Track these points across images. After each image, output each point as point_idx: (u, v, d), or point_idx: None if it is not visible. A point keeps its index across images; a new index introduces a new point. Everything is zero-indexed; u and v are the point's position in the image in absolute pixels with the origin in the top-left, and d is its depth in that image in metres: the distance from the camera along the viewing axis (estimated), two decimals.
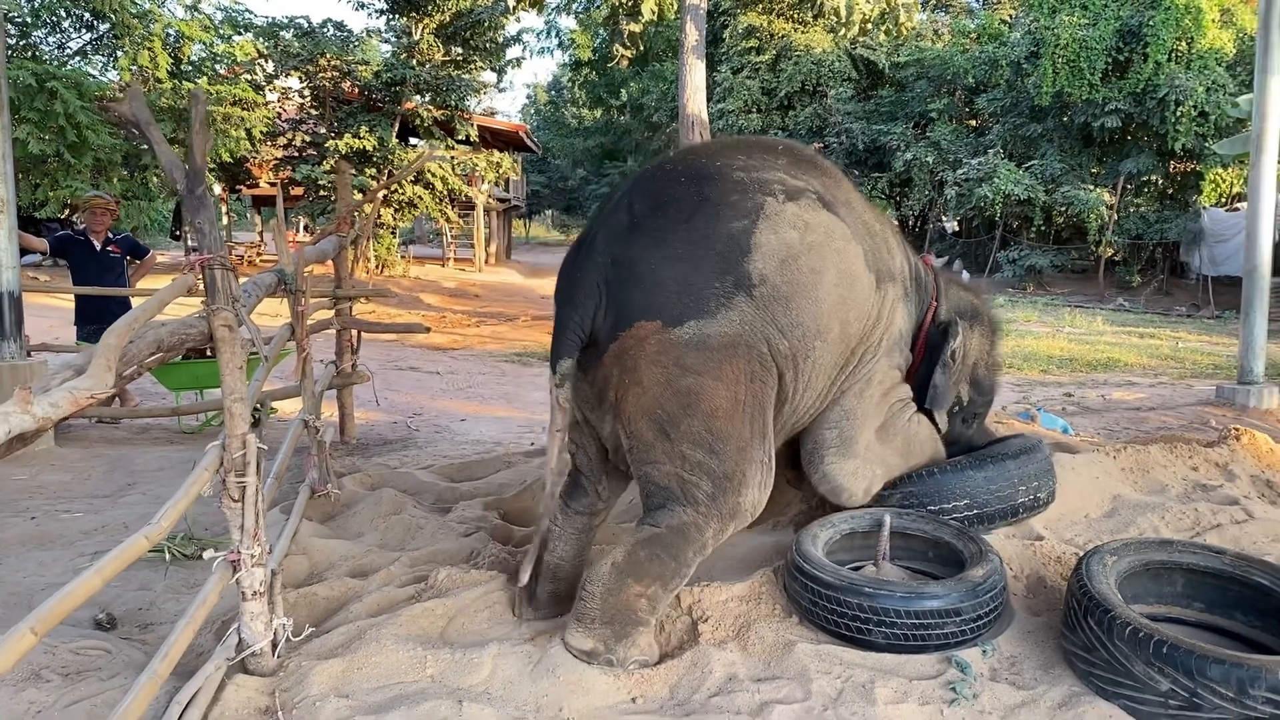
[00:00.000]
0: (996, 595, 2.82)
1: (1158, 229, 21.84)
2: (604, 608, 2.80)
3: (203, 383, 6.87)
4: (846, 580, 2.80)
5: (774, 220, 2.97)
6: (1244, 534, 3.51)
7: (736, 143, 3.56)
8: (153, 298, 2.50)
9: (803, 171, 3.24)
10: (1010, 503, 3.43)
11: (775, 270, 2.92)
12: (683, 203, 3.00)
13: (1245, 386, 7.65)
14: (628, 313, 2.89)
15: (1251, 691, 2.26)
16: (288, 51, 20.94)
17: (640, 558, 2.84)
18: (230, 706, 2.58)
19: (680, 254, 2.91)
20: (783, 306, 2.92)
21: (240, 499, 2.72)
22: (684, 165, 3.20)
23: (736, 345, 2.88)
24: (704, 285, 2.87)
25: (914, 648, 2.72)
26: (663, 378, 2.86)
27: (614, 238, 3.00)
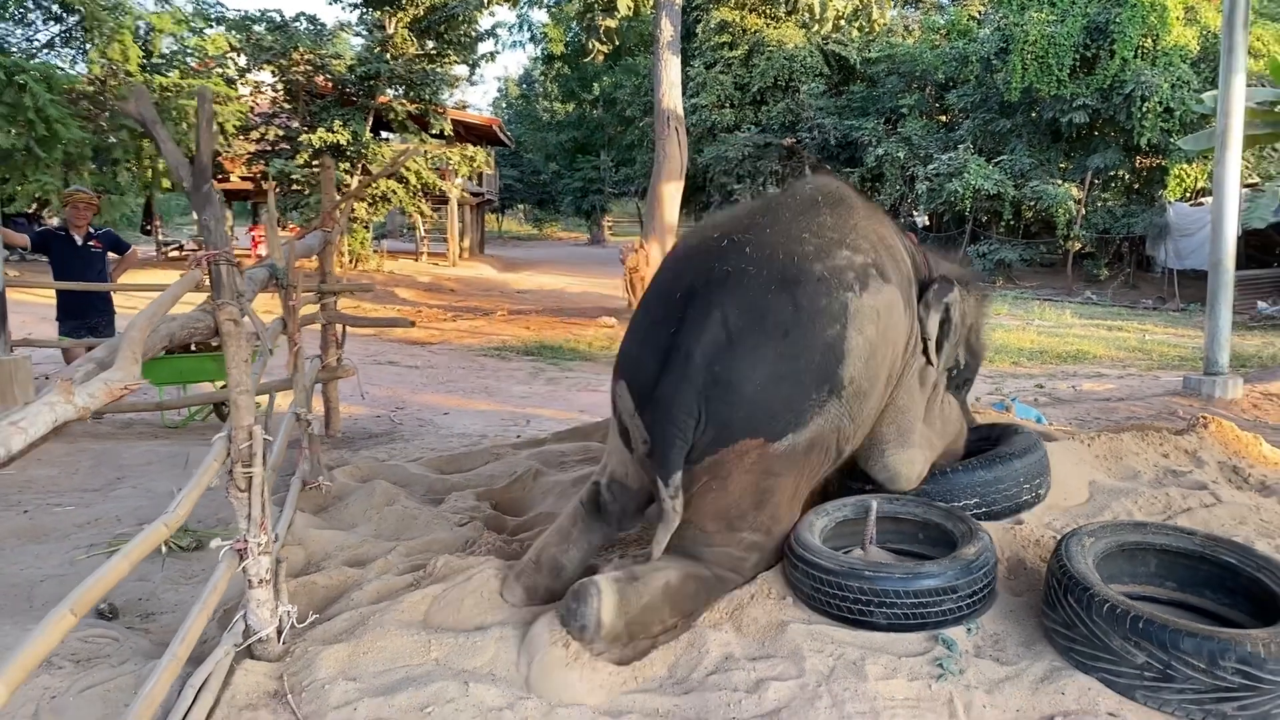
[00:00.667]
0: (989, 571, 2.95)
1: (1124, 223, 22.18)
2: (636, 617, 2.88)
3: (186, 377, 6.89)
4: (846, 565, 2.91)
5: (859, 320, 3.10)
6: (1212, 517, 3.65)
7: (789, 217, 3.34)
8: (165, 292, 2.56)
9: (851, 234, 3.31)
10: (1015, 500, 3.62)
11: (861, 371, 3.12)
12: (779, 314, 3.04)
13: (1211, 377, 7.86)
14: (731, 430, 3.00)
15: (1221, 663, 2.39)
16: (260, 45, 20.83)
17: (689, 591, 3.01)
18: (240, 691, 2.65)
19: (782, 373, 3.01)
20: (861, 400, 3.16)
21: (247, 489, 2.79)
22: (771, 265, 3.12)
23: (814, 445, 3.12)
24: (803, 400, 3.04)
25: (914, 625, 2.84)
26: (750, 483, 3.07)
27: (713, 355, 2.99)
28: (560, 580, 3.26)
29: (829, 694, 2.56)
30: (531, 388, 9.88)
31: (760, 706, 2.54)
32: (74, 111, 14.35)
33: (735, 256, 3.16)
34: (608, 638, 2.81)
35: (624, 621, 2.84)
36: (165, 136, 2.83)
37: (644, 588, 2.92)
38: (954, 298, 3.60)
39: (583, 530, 3.43)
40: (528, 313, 17.68)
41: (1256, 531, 3.56)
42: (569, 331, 14.89)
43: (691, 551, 3.12)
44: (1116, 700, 2.52)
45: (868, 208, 3.62)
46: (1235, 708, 2.41)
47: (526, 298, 21.02)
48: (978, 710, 2.51)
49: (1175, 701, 2.46)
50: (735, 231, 3.28)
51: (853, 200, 3.57)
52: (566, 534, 3.41)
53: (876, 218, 3.60)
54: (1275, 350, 12.66)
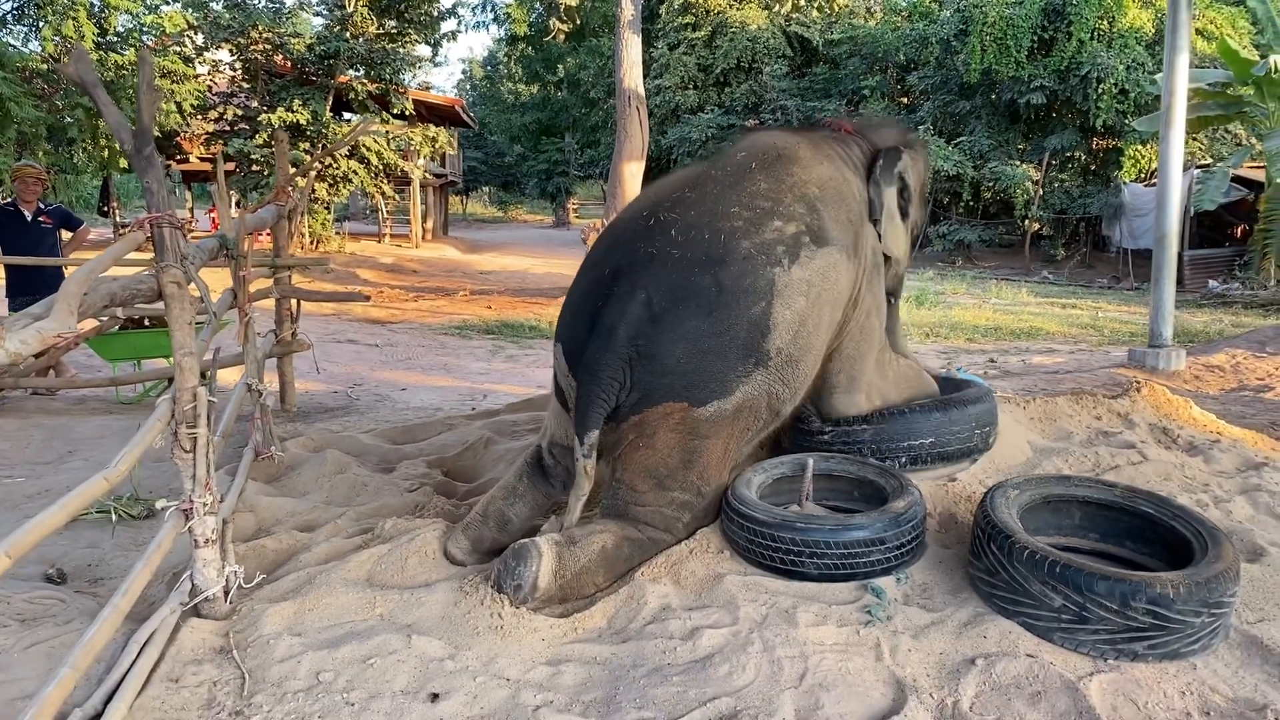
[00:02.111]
0: (918, 524, 3.06)
1: (1081, 204, 22.49)
2: (570, 581, 2.96)
3: (140, 353, 6.86)
4: (779, 518, 3.00)
5: (786, 294, 3.21)
6: (1138, 474, 3.79)
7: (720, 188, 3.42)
8: (106, 252, 2.59)
9: (785, 193, 3.40)
10: (967, 444, 3.74)
11: (789, 341, 3.23)
12: (702, 294, 3.15)
13: (1155, 350, 8.04)
14: (654, 395, 3.16)
15: (1133, 604, 2.50)
16: (217, 23, 20.53)
17: (623, 554, 3.09)
18: (186, 647, 2.69)
19: (707, 347, 3.14)
20: (792, 368, 3.28)
21: (191, 450, 2.82)
22: (691, 245, 3.22)
23: (742, 409, 3.23)
24: (728, 372, 3.17)
25: (843, 575, 2.94)
26: (676, 443, 3.20)
27: (637, 331, 3.13)
28: (506, 533, 3.36)
29: (760, 640, 2.64)
30: (490, 365, 9.91)
31: (694, 653, 2.62)
32: (28, 90, 14.14)
33: (660, 238, 3.28)
34: (542, 599, 2.89)
35: (559, 585, 2.92)
36: (106, 100, 2.85)
37: (581, 551, 3.00)
38: (905, 164, 3.88)
39: (528, 488, 3.52)
40: (490, 293, 17.66)
41: (1180, 487, 3.70)
42: (530, 311, 14.90)
43: (625, 512, 3.21)
44: (1035, 642, 2.63)
45: (810, 154, 3.67)
46: (1145, 646, 2.53)
47: (489, 279, 20.96)
48: (903, 654, 2.60)
49: (1090, 642, 2.57)
50: (663, 209, 3.36)
51: (791, 152, 3.62)
52: (513, 490, 3.50)
53: (816, 162, 3.65)
54: (1222, 326, 12.94)
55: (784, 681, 2.48)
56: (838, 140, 3.94)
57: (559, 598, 2.95)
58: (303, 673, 2.56)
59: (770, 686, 2.46)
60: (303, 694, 2.48)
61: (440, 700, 2.45)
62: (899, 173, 3.86)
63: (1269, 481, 3.77)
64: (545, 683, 2.54)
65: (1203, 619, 2.53)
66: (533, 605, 2.88)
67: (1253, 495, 3.63)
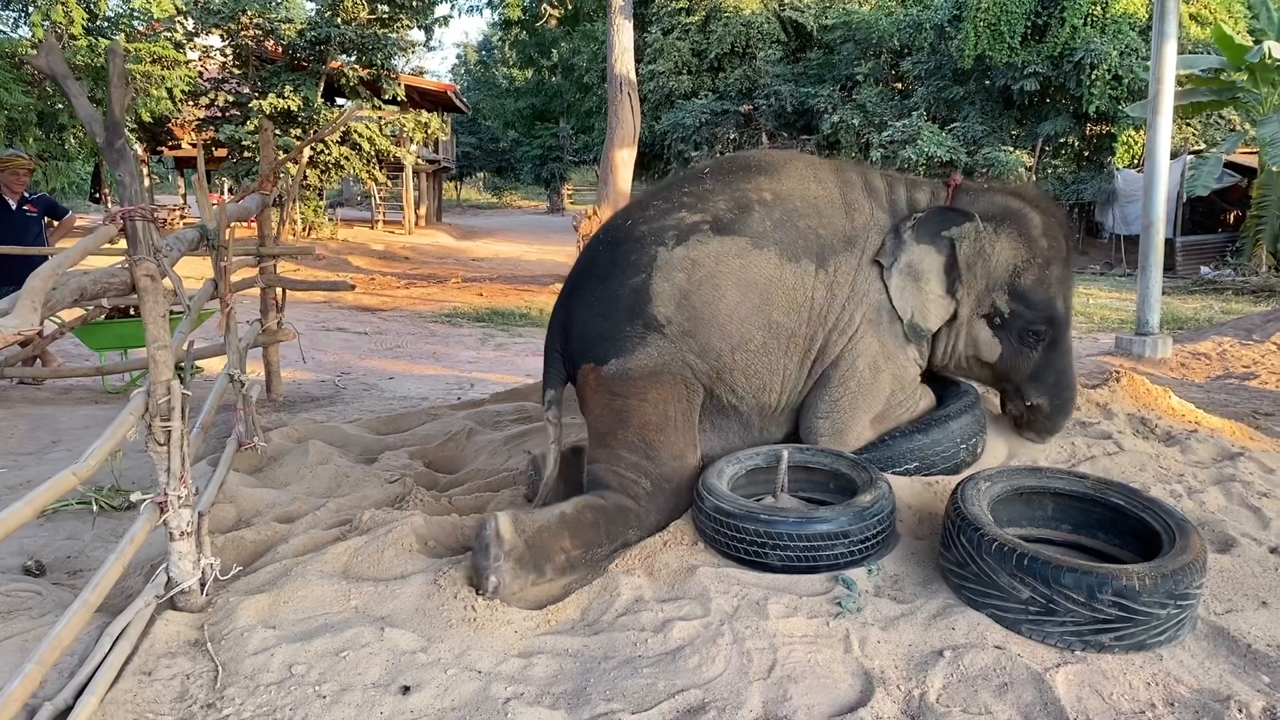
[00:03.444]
0: (884, 519, 3.06)
1: (1074, 189, 22.48)
2: (530, 543, 3.01)
3: (127, 342, 6.86)
4: (745, 509, 3.01)
5: (664, 269, 3.44)
6: (1114, 464, 3.80)
7: (658, 188, 3.87)
8: (75, 245, 2.59)
9: (717, 195, 3.59)
10: (953, 461, 3.66)
11: (674, 310, 3.38)
12: (600, 268, 3.61)
13: (1141, 338, 8.05)
14: (575, 357, 3.58)
15: (1099, 596, 2.52)
16: (208, 8, 20.47)
17: (586, 519, 3.18)
18: (160, 639, 2.70)
19: (599, 310, 3.52)
20: (692, 338, 3.38)
21: (165, 443, 2.83)
22: (607, 230, 3.84)
23: (659, 373, 3.37)
24: (616, 330, 3.44)
25: (805, 568, 2.95)
26: (602, 402, 3.48)
27: (562, 301, 3.72)
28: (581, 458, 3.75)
29: (731, 631, 2.66)
30: (480, 353, 9.92)
31: (665, 645, 2.64)
32: (17, 76, 14.04)
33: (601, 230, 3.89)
34: (511, 553, 2.94)
35: (523, 540, 2.99)
36: (77, 91, 2.85)
37: (539, 514, 3.15)
38: (963, 233, 3.61)
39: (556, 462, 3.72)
40: (482, 280, 17.65)
41: (1154, 477, 3.71)
42: (521, 298, 14.90)
43: (590, 476, 3.47)
44: (1003, 634, 2.65)
45: (797, 171, 3.71)
46: (1112, 638, 2.55)
47: (482, 265, 20.96)
48: (872, 645, 2.62)
49: (1057, 634, 2.59)
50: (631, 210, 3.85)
51: (770, 164, 3.72)
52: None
53: (799, 178, 3.67)
54: (1212, 313, 12.97)
55: (753, 673, 2.50)
56: (887, 179, 3.88)
57: (529, 560, 3.00)
58: (275, 665, 2.57)
59: (739, 678, 2.48)
60: (275, 686, 2.50)
61: (411, 693, 2.46)
62: (950, 239, 3.61)
63: (1243, 472, 3.78)
64: (516, 675, 2.55)
65: (1169, 610, 2.54)
66: (505, 570, 2.91)
67: (1226, 486, 3.65)
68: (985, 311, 3.71)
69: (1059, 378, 3.80)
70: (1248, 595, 2.91)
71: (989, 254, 3.65)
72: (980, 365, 3.84)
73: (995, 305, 3.69)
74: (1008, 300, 3.68)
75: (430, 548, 3.31)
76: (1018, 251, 3.67)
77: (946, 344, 3.78)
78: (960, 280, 3.64)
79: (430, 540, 3.35)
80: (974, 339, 3.77)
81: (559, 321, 3.69)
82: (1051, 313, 3.71)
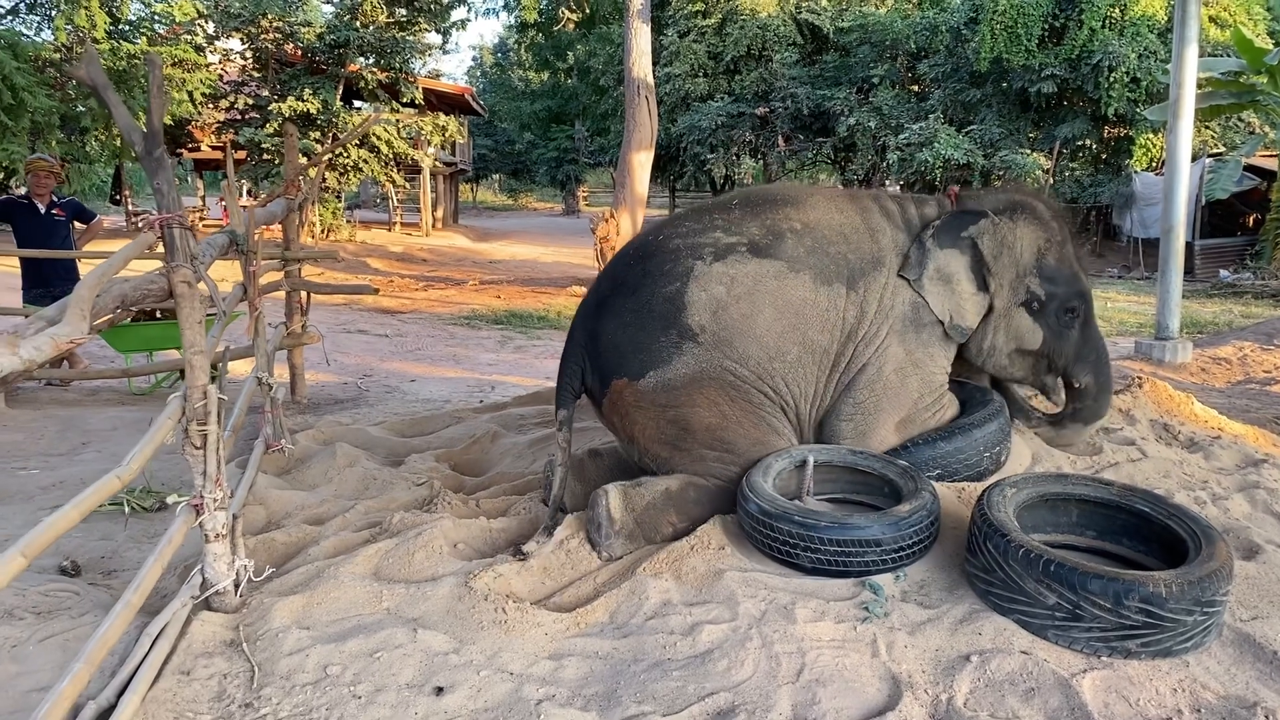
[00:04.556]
0: (923, 529, 3.06)
1: (1091, 192, 22.38)
2: (643, 513, 3.30)
3: (153, 345, 6.94)
4: (780, 508, 3.07)
5: (701, 279, 3.49)
6: (1138, 471, 3.81)
7: (691, 211, 3.91)
8: (117, 254, 2.64)
9: (751, 221, 3.66)
10: (975, 469, 3.68)
11: (710, 319, 3.43)
12: (630, 281, 3.62)
13: (1161, 342, 8.04)
14: (604, 374, 3.56)
15: (1125, 603, 2.54)
16: (228, 12, 20.62)
17: (689, 495, 3.40)
18: (197, 640, 2.75)
19: (630, 322, 3.52)
20: (729, 345, 3.43)
21: (202, 446, 2.88)
22: (638, 245, 3.84)
23: (700, 379, 3.41)
24: (651, 341, 3.46)
25: (837, 572, 3.00)
26: (651, 417, 3.50)
27: (587, 316, 3.68)
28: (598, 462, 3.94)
29: (759, 635, 2.69)
30: (499, 355, 9.97)
31: (694, 648, 2.67)
32: (41, 80, 14.19)
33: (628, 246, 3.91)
34: (622, 532, 3.23)
35: (633, 518, 3.24)
36: (116, 101, 2.89)
37: (646, 490, 3.33)
38: (979, 231, 3.75)
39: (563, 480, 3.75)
40: (499, 282, 17.71)
41: (1178, 484, 3.73)
42: (539, 300, 14.95)
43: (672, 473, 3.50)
44: (1029, 639, 2.67)
45: (820, 202, 3.80)
46: (1139, 644, 2.56)
47: (499, 267, 21.04)
48: (899, 650, 2.65)
49: (1084, 640, 2.61)
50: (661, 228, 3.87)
51: (794, 196, 3.82)
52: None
53: (822, 209, 3.76)
54: (1232, 317, 12.90)
55: (781, 677, 2.53)
56: (898, 201, 3.97)
57: (640, 534, 3.29)
58: (310, 665, 2.62)
59: (768, 682, 2.51)
60: (310, 686, 2.54)
61: (445, 694, 2.50)
62: (970, 238, 3.74)
63: (1268, 479, 3.79)
64: (548, 676, 2.59)
65: (1195, 617, 2.56)
66: (617, 545, 3.24)
67: (1251, 493, 3.66)
68: (1022, 299, 3.83)
69: (1099, 354, 4.00)
70: (1273, 602, 2.92)
71: (1011, 243, 3.80)
72: (1023, 357, 3.93)
73: (1030, 290, 3.82)
74: (1040, 283, 3.81)
75: (459, 550, 3.36)
76: (1037, 235, 3.84)
77: (988, 339, 3.86)
78: (990, 273, 3.76)
79: (459, 543, 3.39)
80: (1015, 331, 3.86)
81: (581, 337, 3.66)
82: (1080, 286, 3.89)
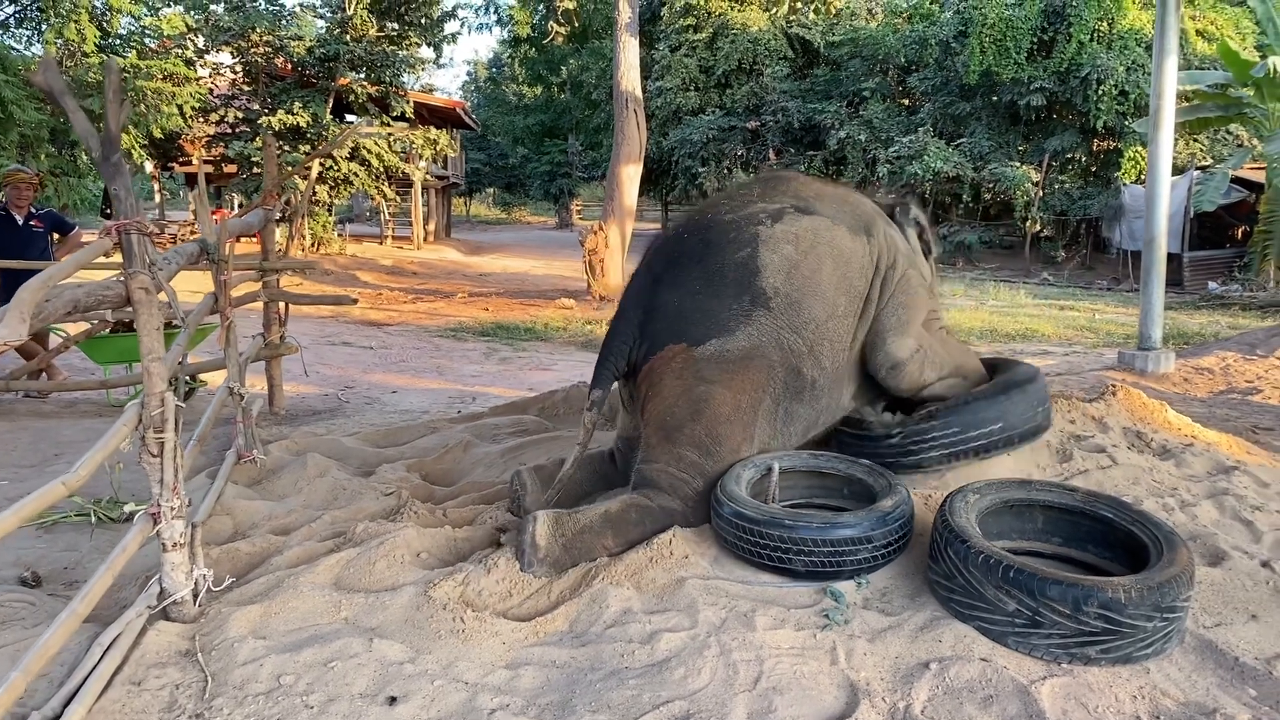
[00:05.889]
0: (905, 524, 3.11)
1: (1081, 205, 22.47)
2: (574, 539, 3.18)
3: (131, 356, 6.90)
4: (768, 514, 3.07)
5: (771, 242, 3.59)
6: (1107, 477, 3.80)
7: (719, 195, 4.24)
8: (69, 258, 2.62)
9: (777, 193, 3.85)
10: (1032, 423, 3.71)
11: (784, 281, 3.50)
12: (691, 252, 3.67)
13: (1144, 352, 8.03)
14: (658, 342, 3.54)
15: (1085, 608, 2.52)
16: (218, 26, 20.65)
17: (630, 517, 3.30)
18: (151, 650, 2.72)
19: (697, 289, 3.55)
20: (796, 310, 3.50)
21: (159, 454, 2.86)
22: (687, 224, 3.93)
23: (752, 356, 3.44)
24: (722, 308, 3.50)
25: (829, 574, 3.00)
26: (681, 388, 3.47)
27: (641, 293, 3.69)
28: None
29: (718, 643, 2.66)
30: (484, 367, 9.94)
31: (652, 656, 2.64)
32: (30, 93, 14.17)
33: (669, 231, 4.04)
34: (547, 559, 3.12)
35: (560, 544, 3.15)
36: (74, 107, 2.88)
37: (582, 515, 3.26)
38: (916, 211, 4.34)
39: (596, 458, 3.89)
40: (488, 295, 17.70)
41: (1147, 491, 3.71)
42: (527, 313, 14.94)
43: (640, 474, 3.47)
44: (990, 646, 2.65)
45: (814, 180, 4.18)
46: (1098, 651, 2.55)
47: (489, 280, 21.02)
48: (858, 658, 2.62)
49: (1044, 646, 2.59)
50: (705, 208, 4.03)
51: (793, 175, 4.16)
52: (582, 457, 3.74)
53: (820, 182, 4.15)
54: (1219, 328, 12.93)
55: (738, 685, 2.50)
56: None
57: (567, 561, 3.16)
58: (264, 675, 2.58)
59: (724, 690, 2.49)
60: (263, 697, 2.51)
61: (398, 703, 2.47)
62: (914, 218, 4.32)
63: (1237, 486, 3.78)
64: (503, 686, 2.56)
65: (1155, 623, 2.54)
66: (540, 569, 3.11)
67: (1219, 499, 3.65)
68: None
69: None
70: (1237, 609, 2.90)
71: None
72: None
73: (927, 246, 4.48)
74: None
75: (423, 559, 3.33)
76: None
77: None
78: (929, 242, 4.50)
79: (423, 552, 3.36)
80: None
81: (635, 314, 3.64)
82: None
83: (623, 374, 3.67)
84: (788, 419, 3.66)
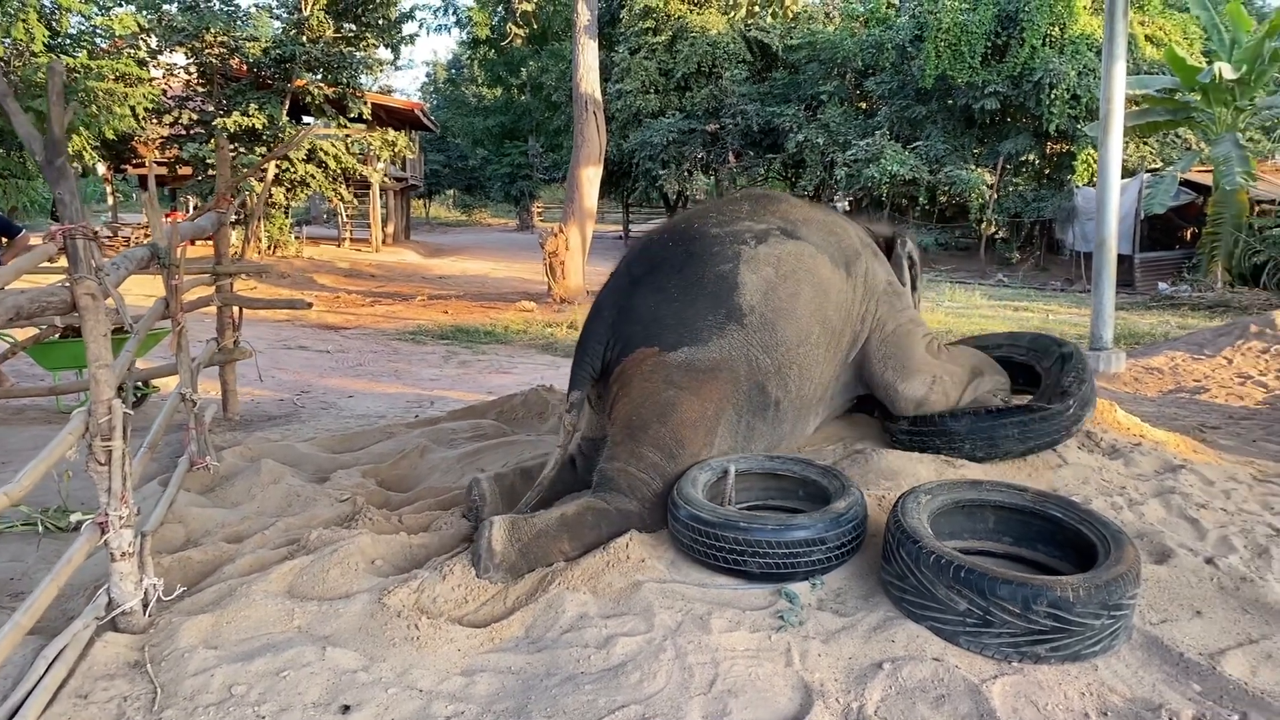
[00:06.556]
0: (859, 525, 3.15)
1: (1035, 207, 22.80)
2: (525, 550, 3.16)
3: (81, 362, 6.77)
4: (723, 517, 3.08)
5: (751, 262, 3.66)
6: (1057, 477, 3.86)
7: (706, 206, 4.28)
8: (9, 265, 2.57)
9: (765, 213, 3.91)
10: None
11: (761, 300, 3.55)
12: (672, 260, 3.73)
13: (1096, 352, 8.16)
14: (630, 343, 3.59)
15: (1034, 607, 2.56)
16: (172, 26, 20.36)
17: (587, 520, 3.29)
18: (99, 662, 2.67)
19: (675, 296, 3.61)
20: (769, 330, 3.55)
21: (107, 462, 2.81)
22: (671, 232, 3.97)
23: (720, 368, 3.48)
24: (697, 318, 3.55)
25: (784, 575, 3.02)
26: (650, 391, 3.51)
27: (618, 294, 3.76)
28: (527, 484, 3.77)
29: (673, 646, 2.67)
30: (443, 370, 9.88)
31: (607, 661, 2.64)
32: None
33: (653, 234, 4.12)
34: (504, 565, 3.11)
35: (517, 549, 3.13)
36: (16, 109, 2.84)
37: (539, 519, 3.24)
38: (912, 246, 4.55)
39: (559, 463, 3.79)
40: (448, 297, 17.60)
41: (1097, 490, 3.77)
42: (487, 316, 14.88)
43: (601, 474, 3.48)
44: (942, 646, 2.68)
45: (804, 203, 4.23)
46: (1048, 649, 2.58)
47: (449, 283, 20.90)
48: (812, 659, 2.64)
49: (994, 645, 2.62)
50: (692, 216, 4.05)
51: (782, 197, 4.20)
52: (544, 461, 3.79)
53: (809, 207, 4.16)
54: (1168, 328, 13.17)
55: (694, 688, 2.51)
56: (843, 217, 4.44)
57: (524, 566, 3.16)
58: (215, 686, 2.55)
59: (680, 693, 2.49)
60: (214, 707, 2.48)
61: (351, 712, 2.45)
62: (909, 253, 4.58)
63: (1184, 484, 3.85)
64: (458, 693, 2.55)
65: (1102, 621, 2.58)
66: (496, 575, 3.10)
67: (1166, 498, 3.72)
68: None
69: None
70: (1183, 605, 2.96)
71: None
72: None
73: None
74: None
75: (377, 567, 3.30)
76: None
77: None
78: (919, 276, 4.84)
79: (378, 559, 3.33)
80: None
81: (610, 313, 3.71)
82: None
83: (598, 374, 3.70)
84: (749, 434, 3.69)
